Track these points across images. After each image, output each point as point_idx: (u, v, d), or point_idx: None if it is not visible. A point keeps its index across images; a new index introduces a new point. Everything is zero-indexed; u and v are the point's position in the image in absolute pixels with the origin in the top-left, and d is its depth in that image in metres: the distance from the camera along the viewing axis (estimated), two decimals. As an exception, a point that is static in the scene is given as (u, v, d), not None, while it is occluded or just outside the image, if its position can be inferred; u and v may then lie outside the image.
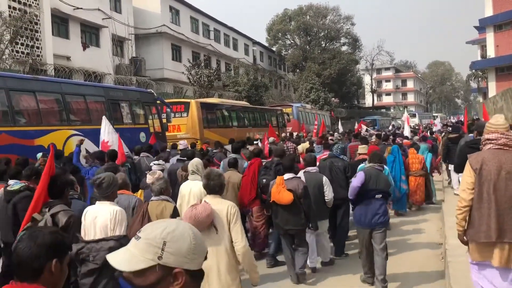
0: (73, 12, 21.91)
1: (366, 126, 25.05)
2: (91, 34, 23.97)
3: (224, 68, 37.79)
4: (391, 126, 35.73)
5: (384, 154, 10.03)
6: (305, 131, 21.64)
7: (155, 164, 7.43)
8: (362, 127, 21.43)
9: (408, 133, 17.12)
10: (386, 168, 7.41)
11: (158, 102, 15.03)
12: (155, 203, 4.58)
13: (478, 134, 6.79)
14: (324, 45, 51.24)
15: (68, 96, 11.35)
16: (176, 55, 31.37)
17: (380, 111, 64.69)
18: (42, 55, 19.14)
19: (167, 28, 29.14)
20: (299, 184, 5.97)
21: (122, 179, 5.10)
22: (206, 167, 5.81)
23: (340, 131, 22.98)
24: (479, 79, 44.70)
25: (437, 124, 29.24)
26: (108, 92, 12.95)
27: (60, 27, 21.89)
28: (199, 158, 6.33)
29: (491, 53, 35.27)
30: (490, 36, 35.22)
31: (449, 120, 51.72)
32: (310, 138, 16.18)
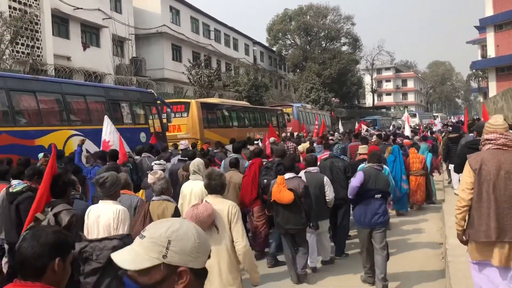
0: (73, 12, 21.92)
1: (366, 126, 25.02)
2: (91, 34, 23.97)
3: (224, 68, 37.80)
4: (391, 126, 35.72)
5: (385, 154, 10.04)
6: (305, 131, 21.64)
7: (156, 164, 7.44)
8: (362, 127, 21.40)
9: (409, 133, 17.12)
10: (386, 168, 7.42)
11: (159, 102, 15.04)
12: (157, 203, 4.60)
13: (478, 135, 6.81)
14: (324, 45, 51.25)
15: (68, 96, 11.35)
16: (177, 55, 31.38)
17: (380, 111, 64.67)
18: (42, 55, 19.14)
19: (167, 28, 29.14)
20: (299, 183, 5.99)
21: (124, 179, 5.11)
22: (207, 167, 5.82)
23: (340, 131, 22.98)
24: (480, 79, 44.71)
25: (437, 124, 29.29)
26: (109, 92, 12.95)
27: (61, 27, 21.90)
28: (200, 158, 6.34)
29: (491, 53, 35.29)
30: (490, 36, 35.23)
31: (449, 120, 51.68)
32: (310, 138, 16.17)
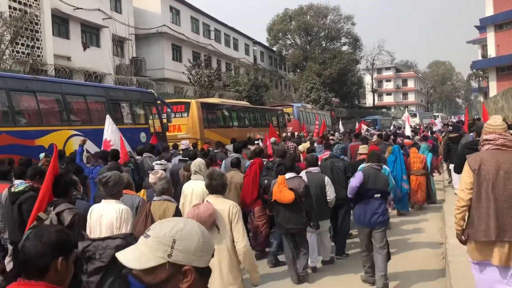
0: (73, 12, 21.92)
1: (367, 126, 25.00)
2: (91, 34, 23.98)
3: (224, 68, 37.80)
4: (392, 126, 35.70)
5: (385, 154, 10.05)
6: (305, 131, 21.64)
7: (157, 164, 7.45)
8: (362, 127, 21.39)
9: (409, 132, 17.12)
10: (386, 168, 7.42)
11: (159, 102, 15.04)
12: (158, 203, 4.61)
13: (477, 135, 6.82)
14: (324, 45, 51.23)
15: (68, 96, 11.36)
16: (177, 55, 31.38)
17: (380, 111, 64.62)
18: (42, 55, 19.15)
19: (167, 28, 29.14)
20: (300, 183, 6.01)
21: (126, 179, 5.12)
22: (208, 167, 5.82)
23: (341, 131, 22.98)
24: (480, 78, 44.73)
25: (437, 124, 29.29)
26: (109, 92, 12.95)
27: (61, 27, 21.90)
28: (201, 158, 6.35)
29: (491, 52, 35.29)
30: (490, 36, 35.23)
31: (450, 119, 51.67)
32: (311, 138, 16.17)
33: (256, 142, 12.85)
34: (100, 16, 23.51)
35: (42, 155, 8.27)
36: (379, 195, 5.75)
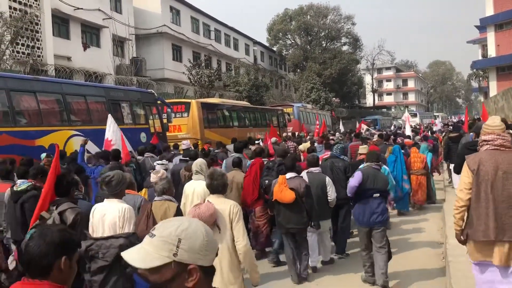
0: (73, 12, 21.93)
1: (367, 126, 24.97)
2: (91, 34, 23.98)
3: (224, 68, 37.81)
4: (392, 126, 35.67)
5: (385, 154, 10.05)
6: (305, 131, 21.62)
7: (158, 164, 7.46)
8: (362, 127, 21.36)
9: (409, 132, 17.11)
10: (386, 168, 7.43)
11: (159, 102, 15.04)
12: (159, 203, 4.63)
13: (476, 136, 6.83)
14: (324, 45, 51.21)
15: (68, 97, 11.35)
16: (177, 55, 31.39)
17: (381, 111, 64.60)
18: (42, 56, 19.15)
19: (167, 28, 29.15)
20: (301, 183, 6.02)
21: (129, 179, 5.13)
22: (209, 167, 5.83)
23: (341, 131, 22.97)
24: (480, 78, 44.71)
25: (437, 124, 29.29)
26: (109, 93, 12.95)
27: (61, 27, 21.91)
28: (202, 158, 6.36)
29: (492, 52, 35.28)
30: (491, 36, 35.22)
31: (450, 119, 51.66)
32: (311, 137, 16.16)
33: (256, 142, 12.86)
34: (100, 16, 23.51)
35: (43, 155, 8.28)
36: (378, 194, 5.76)
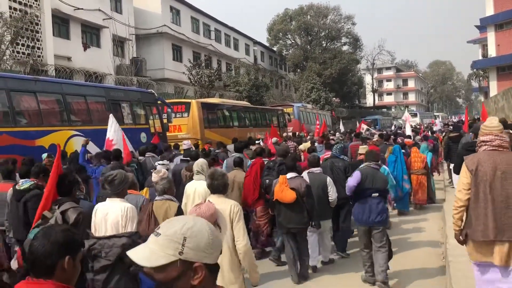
0: (73, 12, 21.93)
1: (367, 126, 24.93)
2: (91, 34, 23.99)
3: (225, 68, 37.80)
4: (393, 126, 35.64)
5: (386, 154, 10.05)
6: (305, 131, 21.60)
7: (159, 164, 7.46)
8: (362, 127, 21.34)
9: (410, 132, 17.12)
10: (385, 167, 7.43)
11: (159, 102, 15.03)
12: (160, 203, 4.64)
13: (475, 136, 6.84)
14: (325, 44, 51.20)
15: (69, 97, 11.35)
16: (177, 55, 31.39)
17: (381, 111, 64.60)
18: (42, 56, 19.16)
19: (167, 28, 29.15)
20: (301, 183, 6.04)
21: (131, 178, 5.14)
22: (211, 167, 5.84)
23: (341, 131, 22.95)
24: (481, 78, 44.70)
25: (437, 124, 29.27)
26: (109, 93, 12.95)
27: (61, 27, 21.91)
28: (203, 158, 6.37)
29: (492, 52, 35.28)
30: (491, 35, 35.22)
31: (450, 119, 51.64)
32: (312, 137, 16.15)
33: (257, 142, 12.86)
34: (100, 16, 23.52)
35: (44, 155, 8.29)
36: (377, 194, 5.77)
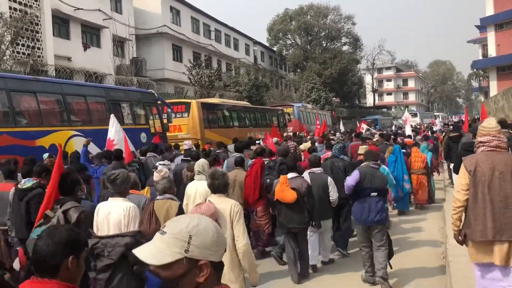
0: (73, 12, 21.93)
1: (367, 126, 24.91)
2: (91, 34, 23.99)
3: (225, 68, 37.80)
4: (393, 126, 35.62)
5: (386, 154, 10.05)
6: (305, 131, 21.60)
7: (160, 164, 7.47)
8: (362, 127, 21.33)
9: (410, 132, 17.12)
10: (385, 167, 7.43)
11: (159, 102, 15.04)
12: (161, 202, 4.66)
13: (474, 136, 6.85)
14: (325, 44, 51.21)
15: (69, 97, 11.35)
16: (177, 56, 31.39)
17: (381, 111, 64.62)
18: (43, 56, 19.16)
19: (167, 29, 29.15)
20: (302, 183, 6.06)
21: (133, 178, 5.16)
22: (212, 167, 5.85)
23: (342, 131, 22.95)
24: (481, 78, 44.73)
25: (437, 124, 29.26)
26: (109, 93, 12.95)
27: (61, 27, 21.91)
28: (204, 158, 6.38)
29: (492, 52, 35.28)
30: (491, 35, 35.22)
31: (450, 119, 51.64)
32: (312, 137, 16.15)
33: (257, 142, 12.86)
34: (100, 16, 23.52)
35: (45, 155, 8.31)
36: (375, 193, 5.77)
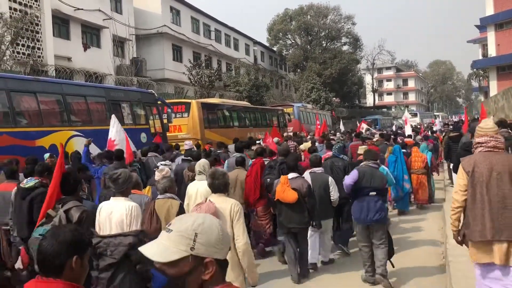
0: (73, 13, 21.94)
1: (367, 125, 24.90)
2: (92, 35, 23.99)
3: (225, 68, 37.81)
4: (394, 126, 35.60)
5: (386, 154, 10.05)
6: (305, 131, 21.59)
7: (162, 164, 7.47)
8: (362, 126, 21.34)
9: (410, 132, 17.12)
10: (384, 167, 7.43)
11: (159, 102, 15.04)
12: (162, 201, 4.68)
13: (473, 137, 6.86)
14: (325, 44, 51.21)
15: (69, 97, 11.36)
16: (177, 56, 31.39)
17: (381, 111, 64.64)
18: (43, 56, 19.17)
19: (167, 29, 29.15)
20: (303, 183, 6.07)
21: (135, 178, 5.17)
22: (213, 166, 5.86)
23: (342, 131, 22.95)
24: (481, 78, 44.73)
25: (437, 124, 29.27)
26: (109, 93, 12.96)
27: (61, 28, 21.92)
28: (204, 159, 6.39)
29: (492, 52, 35.28)
30: (491, 35, 35.22)
31: (450, 119, 51.63)
32: (312, 137, 16.15)
33: (257, 142, 12.86)
34: (100, 16, 23.53)
35: (46, 155, 8.33)
36: (374, 193, 5.78)
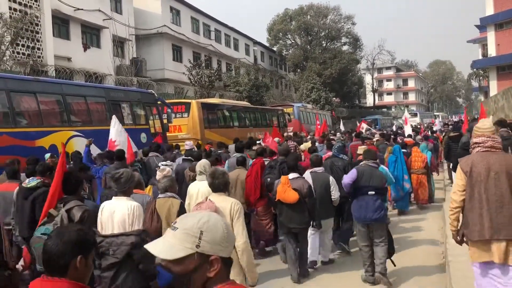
0: (73, 13, 21.94)
1: (367, 125, 24.87)
2: (91, 35, 24.00)
3: (225, 68, 37.81)
4: (394, 127, 35.58)
5: (385, 154, 10.05)
6: (305, 131, 21.59)
7: (162, 164, 7.48)
8: (362, 126, 21.32)
9: (410, 132, 17.12)
10: (384, 167, 7.44)
11: (159, 102, 15.03)
12: (162, 200, 4.69)
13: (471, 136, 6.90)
14: (325, 44, 51.22)
15: (69, 97, 11.34)
16: (177, 56, 31.40)
17: (381, 111, 64.64)
18: (43, 56, 19.17)
19: (167, 29, 29.16)
20: (304, 183, 6.09)
21: (137, 178, 5.18)
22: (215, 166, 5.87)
23: (342, 131, 22.94)
24: (481, 78, 44.75)
25: (437, 124, 29.25)
26: (109, 93, 12.95)
27: (61, 28, 21.92)
28: (205, 159, 6.40)
29: (492, 52, 35.29)
30: (491, 35, 35.23)
31: (450, 119, 51.63)
32: (312, 137, 16.14)
33: (258, 143, 12.85)
34: (100, 17, 23.53)
35: (47, 155, 8.33)
36: (373, 192, 5.79)
